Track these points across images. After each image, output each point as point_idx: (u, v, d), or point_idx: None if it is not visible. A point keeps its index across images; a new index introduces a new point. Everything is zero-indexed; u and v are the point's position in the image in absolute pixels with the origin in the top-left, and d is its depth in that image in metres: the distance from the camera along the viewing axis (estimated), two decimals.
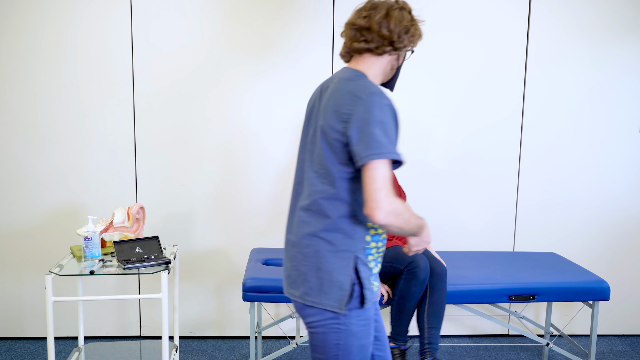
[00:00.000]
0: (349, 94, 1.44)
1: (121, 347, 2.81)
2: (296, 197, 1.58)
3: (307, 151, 1.55)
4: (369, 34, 1.52)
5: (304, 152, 1.57)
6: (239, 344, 3.16)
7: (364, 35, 1.52)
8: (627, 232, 3.25)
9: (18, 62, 2.94)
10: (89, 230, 2.30)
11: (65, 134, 3.01)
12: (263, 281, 2.51)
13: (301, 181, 1.57)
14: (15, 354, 2.98)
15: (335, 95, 1.47)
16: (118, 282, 3.15)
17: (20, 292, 3.11)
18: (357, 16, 1.54)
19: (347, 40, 1.56)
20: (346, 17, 3.01)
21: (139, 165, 3.06)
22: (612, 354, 3.09)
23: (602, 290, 2.55)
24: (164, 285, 2.16)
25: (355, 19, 1.54)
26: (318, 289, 1.49)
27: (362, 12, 1.54)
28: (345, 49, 1.58)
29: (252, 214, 3.14)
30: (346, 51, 1.58)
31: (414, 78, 3.07)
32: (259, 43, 3.01)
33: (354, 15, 1.56)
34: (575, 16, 3.07)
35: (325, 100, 1.50)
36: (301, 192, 1.56)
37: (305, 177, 1.54)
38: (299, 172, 1.59)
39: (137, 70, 2.99)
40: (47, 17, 2.92)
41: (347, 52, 1.58)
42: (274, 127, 3.08)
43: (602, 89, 3.14)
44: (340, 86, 1.48)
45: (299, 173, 1.59)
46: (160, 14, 2.96)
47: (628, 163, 3.20)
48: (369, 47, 1.52)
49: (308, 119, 1.58)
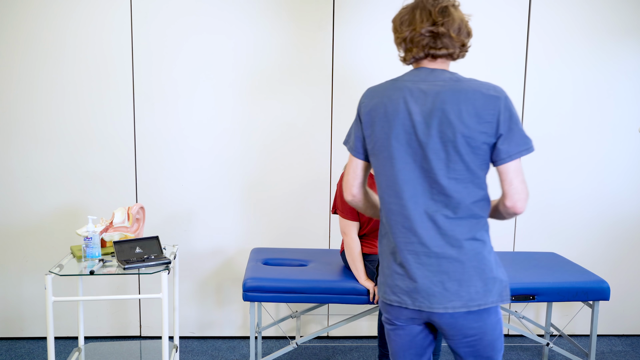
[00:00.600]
0: (480, 94, 1.46)
1: (121, 347, 2.81)
2: (419, 209, 1.52)
3: (426, 160, 1.49)
4: (449, 41, 1.52)
5: (413, 161, 1.50)
6: (239, 344, 3.16)
7: (442, 42, 1.52)
8: (627, 232, 3.25)
9: (17, 62, 2.94)
10: (89, 230, 2.30)
11: (65, 134, 3.01)
12: (263, 281, 2.51)
13: (425, 192, 1.51)
14: (15, 354, 2.98)
15: (463, 97, 1.46)
16: (118, 282, 3.15)
17: (20, 292, 3.11)
18: (429, 22, 1.51)
19: (421, 46, 1.53)
20: (348, 20, 3.01)
21: (139, 165, 3.06)
22: (612, 354, 3.09)
23: (602, 290, 2.55)
24: (164, 285, 2.16)
25: (429, 26, 1.51)
26: (483, 291, 1.51)
27: (436, 17, 1.50)
28: (421, 54, 1.54)
29: (252, 213, 3.14)
30: (419, 57, 1.55)
31: None
32: (259, 43, 3.01)
33: (421, 18, 1.51)
34: (575, 16, 3.07)
35: (447, 104, 1.47)
36: (429, 202, 1.51)
37: (437, 187, 1.49)
38: (412, 182, 1.51)
39: (137, 70, 2.99)
40: (46, 16, 2.92)
41: (423, 57, 1.55)
42: (274, 127, 3.08)
43: (602, 89, 3.14)
44: (460, 87, 1.47)
45: (411, 184, 1.51)
46: (160, 13, 2.96)
47: (628, 163, 3.20)
48: (449, 53, 1.53)
49: (402, 124, 1.50)
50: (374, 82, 3.06)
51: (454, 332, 1.56)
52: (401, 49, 1.58)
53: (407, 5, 1.59)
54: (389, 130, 1.51)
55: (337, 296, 2.50)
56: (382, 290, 1.62)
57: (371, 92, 1.59)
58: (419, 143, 1.49)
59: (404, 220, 1.53)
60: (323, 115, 3.08)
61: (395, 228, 1.55)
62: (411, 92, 1.51)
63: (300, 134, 3.09)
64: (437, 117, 1.47)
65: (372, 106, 1.55)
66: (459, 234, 1.50)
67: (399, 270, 1.56)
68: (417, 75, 1.54)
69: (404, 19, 1.56)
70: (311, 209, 3.14)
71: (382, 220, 1.61)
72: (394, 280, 1.57)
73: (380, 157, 1.55)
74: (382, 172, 1.56)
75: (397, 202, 1.53)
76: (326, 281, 2.52)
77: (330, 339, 3.24)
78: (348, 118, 3.08)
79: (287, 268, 2.71)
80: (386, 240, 1.60)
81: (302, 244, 3.18)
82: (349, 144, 1.65)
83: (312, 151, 3.11)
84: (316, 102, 3.07)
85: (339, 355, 3.03)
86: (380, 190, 1.58)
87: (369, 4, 3.01)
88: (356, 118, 1.62)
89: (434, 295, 1.52)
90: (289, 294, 2.51)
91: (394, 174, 1.52)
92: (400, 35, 1.56)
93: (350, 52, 3.04)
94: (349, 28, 3.02)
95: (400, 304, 1.56)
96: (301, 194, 3.13)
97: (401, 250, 1.54)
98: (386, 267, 1.60)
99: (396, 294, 1.57)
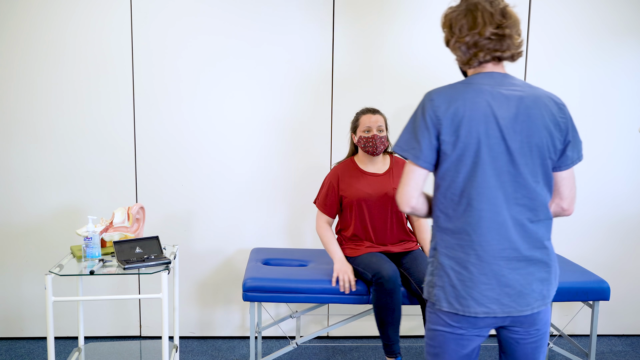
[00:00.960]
0: (553, 102, 1.54)
1: (121, 347, 2.81)
2: (508, 214, 1.52)
3: (513, 165, 1.50)
4: (511, 42, 1.53)
5: (500, 166, 1.50)
6: (239, 344, 3.16)
7: (507, 44, 1.53)
8: (627, 232, 3.25)
9: (17, 62, 2.94)
10: (89, 230, 2.30)
11: (65, 134, 3.01)
12: (263, 281, 2.51)
13: (510, 197, 1.51)
14: (15, 354, 2.98)
15: (542, 104, 1.52)
16: (118, 282, 3.15)
17: (20, 292, 3.11)
18: (492, 24, 1.51)
19: (487, 49, 1.53)
20: (348, 19, 3.01)
21: (139, 165, 3.06)
22: (612, 354, 3.09)
23: (602, 290, 2.55)
24: (164, 285, 2.16)
25: (493, 28, 1.51)
26: (554, 287, 1.60)
27: (500, 19, 1.51)
28: (488, 57, 1.54)
29: (252, 213, 3.14)
30: (485, 60, 1.55)
31: (413, 78, 3.07)
32: (259, 43, 3.01)
33: (484, 21, 1.51)
34: (576, 16, 3.07)
35: (531, 110, 1.50)
36: (514, 207, 1.52)
37: (523, 191, 1.52)
38: (501, 188, 1.51)
39: (137, 70, 2.99)
40: (46, 16, 2.92)
41: (489, 60, 1.55)
42: (274, 126, 3.08)
43: (603, 89, 3.14)
44: (537, 93, 1.53)
45: (501, 189, 1.51)
46: (161, 13, 2.96)
47: (628, 163, 3.20)
48: (512, 55, 1.55)
49: (488, 129, 1.49)
50: (375, 82, 3.06)
51: (528, 330, 1.59)
52: (462, 53, 1.56)
53: (456, 8, 1.57)
54: (478, 135, 1.48)
55: (337, 296, 2.50)
56: (460, 303, 1.54)
57: (445, 95, 1.52)
58: (506, 148, 1.49)
59: (498, 227, 1.51)
60: (323, 116, 3.08)
61: (488, 235, 1.51)
62: (493, 96, 1.50)
63: (300, 134, 3.09)
64: (523, 123, 1.49)
65: (454, 110, 1.49)
66: (542, 235, 1.55)
67: (487, 280, 1.52)
68: (492, 78, 1.54)
69: (461, 22, 1.54)
70: (311, 209, 3.13)
71: (462, 230, 1.53)
72: (480, 291, 1.52)
73: (466, 162, 1.50)
74: (467, 179, 1.50)
75: (490, 208, 1.50)
76: (326, 281, 2.52)
77: (330, 339, 3.24)
78: (348, 118, 3.07)
79: (287, 268, 2.71)
80: (466, 250, 1.53)
81: (302, 244, 3.18)
82: (412, 153, 1.53)
83: (312, 151, 3.11)
84: (316, 102, 3.07)
85: (339, 355, 3.03)
86: (461, 198, 1.52)
87: (369, 4, 3.01)
88: (423, 124, 1.52)
89: (524, 298, 1.54)
90: (289, 294, 2.51)
91: (485, 179, 1.49)
92: (461, 39, 1.54)
93: (351, 52, 3.05)
94: (349, 27, 3.03)
95: (487, 314, 1.53)
96: (301, 194, 3.13)
97: (494, 257, 1.51)
98: (467, 279, 1.53)
99: (483, 304, 1.52)
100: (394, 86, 3.07)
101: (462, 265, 1.54)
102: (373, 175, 2.60)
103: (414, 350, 3.07)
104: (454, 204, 1.53)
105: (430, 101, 1.52)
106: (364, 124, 2.57)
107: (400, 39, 3.04)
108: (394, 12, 3.03)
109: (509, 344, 1.63)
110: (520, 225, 1.52)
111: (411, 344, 3.17)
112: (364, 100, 3.05)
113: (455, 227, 1.54)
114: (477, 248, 1.52)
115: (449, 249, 1.55)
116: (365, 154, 2.61)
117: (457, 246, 1.54)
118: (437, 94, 1.53)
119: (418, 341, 3.20)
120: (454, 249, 1.54)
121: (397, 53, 3.05)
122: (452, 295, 1.54)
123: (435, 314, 1.60)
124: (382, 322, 2.40)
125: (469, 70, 1.61)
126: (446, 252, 1.56)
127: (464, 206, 1.52)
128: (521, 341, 1.61)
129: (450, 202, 1.54)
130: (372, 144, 2.54)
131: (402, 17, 3.03)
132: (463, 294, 1.53)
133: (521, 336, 1.60)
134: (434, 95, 1.53)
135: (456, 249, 1.54)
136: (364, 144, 2.56)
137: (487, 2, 1.53)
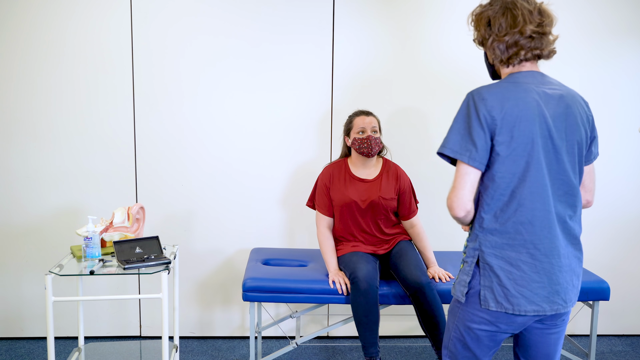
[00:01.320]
0: (582, 100, 1.61)
1: (121, 347, 2.81)
2: (554, 211, 1.54)
3: (558, 162, 1.54)
4: (548, 40, 1.57)
5: (548, 164, 1.53)
6: (239, 344, 3.16)
7: (546, 42, 1.57)
8: (628, 232, 3.25)
9: (17, 62, 2.94)
10: (89, 230, 2.30)
11: (65, 134, 3.01)
12: (263, 281, 2.51)
13: (554, 194, 1.54)
14: (15, 354, 2.98)
15: (577, 102, 1.57)
16: (118, 282, 3.15)
17: (20, 292, 3.11)
18: (533, 23, 1.54)
19: (528, 48, 1.55)
20: (346, 21, 3.01)
21: (139, 165, 3.06)
22: (612, 354, 3.09)
23: (602, 290, 2.55)
24: (164, 285, 2.16)
25: (534, 27, 1.54)
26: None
27: (539, 17, 1.55)
28: (529, 55, 1.57)
29: (252, 213, 3.14)
30: (525, 58, 1.58)
31: (413, 79, 3.07)
32: (259, 43, 3.01)
33: (524, 20, 1.54)
34: (576, 16, 3.07)
35: (571, 108, 1.55)
36: (558, 204, 1.55)
37: (565, 187, 1.55)
38: (551, 186, 1.54)
39: (137, 70, 2.99)
40: (46, 16, 2.92)
41: (531, 58, 1.58)
42: (275, 127, 3.08)
43: (603, 89, 3.13)
44: (571, 92, 1.58)
45: (550, 187, 1.53)
46: (161, 13, 2.96)
47: (628, 163, 3.20)
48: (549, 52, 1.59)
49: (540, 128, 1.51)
50: (375, 81, 3.06)
51: (555, 322, 1.62)
52: (498, 52, 1.57)
53: (489, 6, 1.58)
54: (531, 134, 1.49)
55: (336, 296, 2.50)
56: (510, 302, 1.54)
57: (497, 95, 1.51)
58: (553, 146, 1.52)
59: (549, 225, 1.52)
60: (323, 116, 3.08)
61: (541, 234, 1.52)
62: (539, 95, 1.52)
63: (300, 134, 3.09)
64: (566, 121, 1.53)
65: (507, 110, 1.48)
66: (577, 232, 1.59)
67: (539, 278, 1.53)
68: (534, 77, 1.55)
69: (500, 21, 1.55)
70: (311, 210, 3.13)
71: (513, 230, 1.53)
72: (532, 289, 1.53)
73: (519, 162, 1.50)
74: (520, 178, 1.51)
75: (543, 207, 1.52)
76: (326, 281, 2.52)
77: (330, 339, 3.24)
78: None
79: (287, 268, 2.71)
80: (517, 249, 1.53)
81: (302, 244, 3.18)
82: (466, 155, 1.50)
83: (313, 151, 3.11)
84: (316, 102, 3.07)
85: (339, 355, 3.03)
86: (512, 198, 1.52)
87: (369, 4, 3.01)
88: (478, 124, 1.49)
89: (568, 294, 1.57)
90: (289, 294, 2.51)
91: (540, 178, 1.51)
92: (500, 38, 1.55)
93: (351, 51, 3.04)
94: (349, 26, 3.02)
95: (537, 312, 1.54)
96: (301, 194, 3.13)
97: (546, 255, 1.53)
98: (519, 278, 1.53)
99: (535, 302, 1.54)
100: (395, 86, 3.07)
101: (513, 265, 1.53)
102: (362, 181, 2.61)
103: (414, 350, 3.07)
104: (503, 204, 1.53)
105: (483, 100, 1.50)
106: (358, 125, 2.57)
107: (401, 37, 3.04)
108: (395, 10, 3.02)
109: (533, 335, 1.63)
110: (563, 222, 1.56)
111: (411, 344, 3.17)
112: (364, 101, 3.05)
113: (504, 227, 1.53)
114: (529, 247, 1.52)
115: (497, 249, 1.54)
116: (359, 156, 2.61)
117: (506, 246, 1.54)
118: (488, 93, 1.51)
119: (418, 341, 3.20)
120: (503, 249, 1.54)
121: (398, 52, 3.05)
122: (501, 295, 1.54)
123: (472, 312, 1.59)
124: (359, 322, 2.42)
125: (504, 69, 1.60)
126: (494, 252, 1.55)
127: (515, 206, 1.52)
128: (546, 331, 1.62)
129: (499, 202, 1.53)
130: (367, 144, 2.54)
131: (404, 15, 3.03)
132: (514, 292, 1.53)
133: (547, 326, 1.62)
134: (486, 95, 1.51)
135: (506, 249, 1.54)
136: (359, 145, 2.56)
137: (524, 0, 1.54)
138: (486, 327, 1.59)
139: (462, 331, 1.63)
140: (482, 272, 1.57)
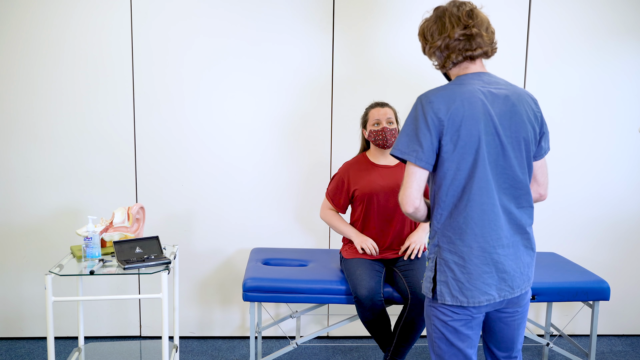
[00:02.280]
0: (530, 98, 1.67)
1: (121, 347, 2.82)
2: (499, 204, 1.62)
3: (504, 158, 1.61)
4: (481, 40, 1.64)
5: (494, 160, 1.60)
6: (239, 344, 3.16)
7: (476, 42, 1.64)
8: (628, 232, 3.25)
9: (16, 62, 2.94)
10: (89, 230, 2.30)
11: (65, 134, 3.01)
12: (263, 281, 2.51)
13: (499, 188, 1.62)
14: (15, 354, 2.98)
15: (524, 100, 1.64)
16: (118, 282, 3.15)
17: (20, 292, 3.11)
18: (460, 26, 1.62)
19: (458, 50, 1.63)
20: (348, 20, 3.01)
21: (139, 165, 3.06)
22: (612, 354, 3.09)
23: (602, 290, 2.55)
24: (164, 285, 2.16)
25: (460, 30, 1.62)
26: (533, 269, 1.74)
27: (466, 20, 1.63)
28: (460, 57, 1.64)
29: (252, 213, 3.14)
30: (457, 61, 1.65)
31: (411, 78, 3.07)
32: (259, 42, 3.01)
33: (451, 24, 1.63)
34: (576, 16, 3.07)
35: (517, 106, 1.62)
36: (503, 197, 1.63)
37: (510, 181, 1.63)
38: (495, 180, 1.61)
39: (137, 70, 2.99)
40: (46, 16, 2.92)
41: (462, 60, 1.66)
42: (274, 126, 3.08)
43: (603, 89, 3.13)
44: (518, 91, 1.65)
45: (495, 182, 1.61)
46: (161, 14, 2.96)
47: (628, 163, 3.20)
48: (484, 52, 1.66)
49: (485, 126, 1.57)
50: (375, 82, 3.06)
51: (516, 310, 1.71)
52: (436, 58, 1.69)
53: (428, 18, 1.69)
54: (477, 133, 1.57)
55: (337, 296, 2.50)
56: (465, 295, 1.61)
57: (443, 97, 1.58)
58: (500, 143, 1.59)
59: (495, 217, 1.61)
60: (323, 116, 3.08)
61: (489, 227, 1.60)
62: (485, 95, 1.60)
63: (300, 134, 3.09)
64: (511, 119, 1.61)
65: (453, 110, 1.56)
66: (525, 222, 1.67)
67: (488, 269, 1.62)
68: (480, 78, 1.64)
69: (432, 29, 1.66)
70: (311, 210, 3.14)
71: (464, 225, 1.60)
72: (484, 280, 1.62)
73: (467, 159, 1.58)
74: (468, 175, 1.58)
75: (489, 202, 1.60)
76: (326, 281, 2.52)
77: (330, 339, 3.24)
78: (348, 119, 3.07)
79: (287, 268, 2.71)
80: (468, 244, 1.61)
81: (302, 244, 3.18)
82: (413, 155, 1.59)
83: (313, 152, 3.11)
84: (316, 102, 3.07)
85: (339, 355, 3.03)
86: (463, 194, 1.59)
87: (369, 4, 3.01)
88: (425, 126, 1.58)
89: (515, 281, 1.65)
90: (289, 294, 2.51)
91: (485, 174, 1.59)
92: (433, 45, 1.66)
93: (351, 51, 3.04)
94: (349, 25, 3.02)
95: (488, 301, 1.63)
96: (301, 194, 3.13)
97: (493, 247, 1.61)
98: (473, 271, 1.61)
99: (486, 292, 1.62)
100: (395, 87, 3.07)
101: (465, 258, 1.61)
102: (385, 167, 2.61)
103: (413, 350, 3.07)
104: (456, 200, 1.61)
105: (430, 103, 1.58)
106: (373, 117, 2.58)
107: (400, 40, 3.04)
108: (395, 13, 3.02)
109: (495, 324, 1.74)
110: (508, 213, 1.63)
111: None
112: (364, 100, 3.05)
113: (457, 222, 1.61)
114: (479, 240, 1.60)
115: (451, 244, 1.62)
116: (376, 147, 2.62)
117: (458, 240, 1.61)
118: (435, 96, 1.59)
119: (418, 341, 3.20)
120: (455, 244, 1.62)
121: (397, 54, 3.05)
122: (456, 289, 1.62)
123: (436, 308, 1.67)
124: (369, 330, 2.48)
125: (451, 72, 1.70)
126: (449, 248, 1.63)
127: (465, 201, 1.59)
128: (506, 320, 1.72)
129: (452, 199, 1.61)
130: (382, 136, 2.55)
131: (403, 18, 3.03)
132: (468, 285, 1.62)
133: (507, 315, 1.71)
134: (432, 98, 1.59)
135: (458, 244, 1.62)
136: (375, 137, 2.57)
137: (454, 7, 1.66)
138: (458, 317, 1.66)
139: (440, 329, 1.69)
140: (439, 268, 1.65)
